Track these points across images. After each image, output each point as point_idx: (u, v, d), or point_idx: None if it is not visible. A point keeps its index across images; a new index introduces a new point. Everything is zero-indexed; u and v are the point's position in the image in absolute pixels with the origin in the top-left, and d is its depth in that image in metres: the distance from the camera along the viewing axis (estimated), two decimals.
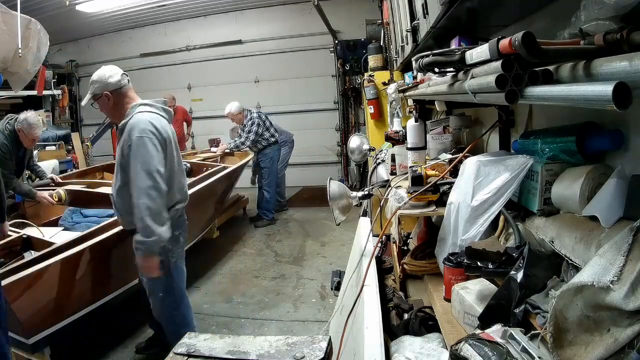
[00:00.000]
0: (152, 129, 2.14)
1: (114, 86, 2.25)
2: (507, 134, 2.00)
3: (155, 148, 2.13)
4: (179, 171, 2.38)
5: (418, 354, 1.50)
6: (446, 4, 1.56)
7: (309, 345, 0.94)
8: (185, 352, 0.96)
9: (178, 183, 2.36)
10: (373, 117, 5.36)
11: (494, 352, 1.04)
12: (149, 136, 2.12)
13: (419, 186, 1.93)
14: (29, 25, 4.70)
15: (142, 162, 2.09)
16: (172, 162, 2.28)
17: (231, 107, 5.62)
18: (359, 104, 7.66)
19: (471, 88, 1.12)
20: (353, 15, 7.17)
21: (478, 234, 1.60)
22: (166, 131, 2.24)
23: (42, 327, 2.45)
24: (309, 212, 6.24)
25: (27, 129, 3.54)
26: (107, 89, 2.25)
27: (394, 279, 2.54)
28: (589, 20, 0.85)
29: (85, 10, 6.66)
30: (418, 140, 2.37)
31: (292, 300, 3.64)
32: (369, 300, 1.66)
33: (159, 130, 2.18)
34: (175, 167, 2.34)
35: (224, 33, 7.96)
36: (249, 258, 4.72)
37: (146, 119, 2.18)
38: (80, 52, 8.75)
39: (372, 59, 5.62)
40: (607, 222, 1.10)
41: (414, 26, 2.51)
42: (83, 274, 2.62)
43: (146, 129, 2.13)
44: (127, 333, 3.09)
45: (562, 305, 0.97)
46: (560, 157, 1.39)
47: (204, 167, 4.88)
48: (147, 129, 2.13)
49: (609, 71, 0.70)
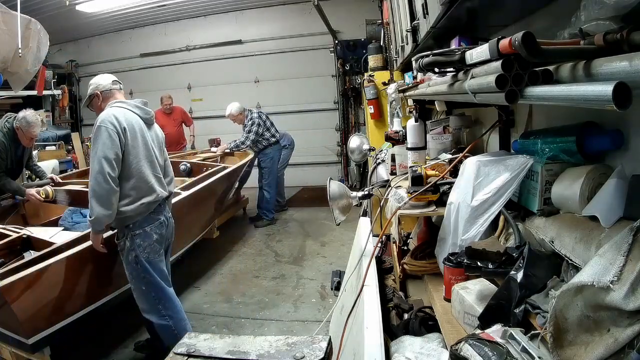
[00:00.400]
0: (111, 120, 2.32)
1: (104, 87, 2.57)
2: (507, 134, 2.00)
3: (110, 137, 2.28)
4: (145, 163, 2.45)
5: (418, 354, 1.50)
6: (446, 4, 1.56)
7: (309, 345, 0.94)
8: (185, 352, 0.96)
9: (141, 174, 2.41)
10: (373, 117, 5.36)
11: (494, 352, 1.04)
12: (106, 125, 2.30)
13: (419, 186, 1.93)
14: (29, 25, 4.70)
15: (96, 148, 2.29)
16: (134, 151, 2.39)
17: (231, 108, 5.62)
18: (359, 104, 7.65)
19: (471, 88, 1.12)
20: (353, 15, 7.16)
21: (478, 234, 1.60)
22: (130, 123, 2.40)
23: (42, 327, 2.44)
24: (309, 212, 6.24)
25: (26, 127, 3.52)
26: (98, 90, 2.57)
27: (394, 279, 2.54)
28: (589, 20, 0.85)
29: (85, 10, 6.66)
30: (418, 140, 2.37)
31: (292, 300, 3.64)
32: (369, 300, 1.66)
33: (119, 121, 2.34)
34: (140, 158, 2.42)
35: (224, 33, 7.96)
36: (249, 258, 4.71)
37: (110, 112, 2.39)
38: (80, 52, 8.75)
39: (372, 59, 5.62)
40: (607, 222, 1.10)
41: (414, 26, 2.51)
42: (83, 273, 2.62)
43: (105, 119, 2.33)
44: (127, 333, 3.08)
45: (562, 305, 0.97)
46: (560, 157, 1.39)
47: (204, 167, 4.88)
48: (106, 120, 2.32)
49: (609, 71, 0.70)
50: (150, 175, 2.47)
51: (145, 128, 2.52)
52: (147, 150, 2.48)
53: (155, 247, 2.50)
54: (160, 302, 2.54)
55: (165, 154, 2.76)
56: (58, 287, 2.49)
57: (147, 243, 2.46)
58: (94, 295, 2.78)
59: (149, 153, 2.49)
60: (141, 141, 2.45)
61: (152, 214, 2.49)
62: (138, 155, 2.41)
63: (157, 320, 2.54)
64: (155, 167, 2.53)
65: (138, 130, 2.44)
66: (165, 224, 2.59)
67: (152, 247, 2.48)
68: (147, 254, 2.46)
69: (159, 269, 2.55)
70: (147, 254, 2.47)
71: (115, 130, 2.31)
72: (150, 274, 2.48)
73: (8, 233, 2.96)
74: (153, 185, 2.47)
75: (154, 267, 2.50)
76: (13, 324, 2.38)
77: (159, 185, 2.53)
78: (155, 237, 2.50)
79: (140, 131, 2.46)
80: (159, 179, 2.54)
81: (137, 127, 2.44)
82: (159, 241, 2.53)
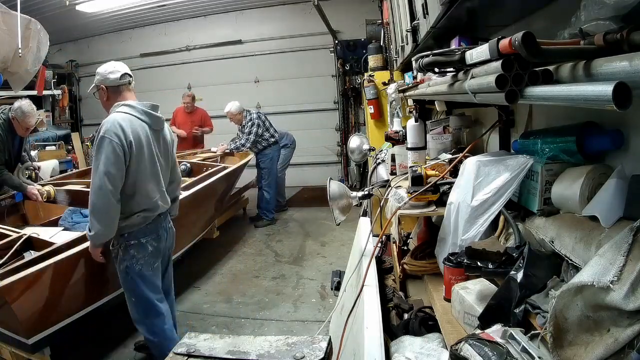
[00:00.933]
0: (116, 131, 2.16)
1: (111, 82, 2.33)
2: (507, 134, 2.00)
3: (114, 151, 2.14)
4: (150, 178, 2.32)
5: (418, 354, 1.50)
6: (446, 4, 1.55)
7: (309, 345, 0.94)
8: (185, 352, 0.96)
9: (145, 190, 2.30)
10: (373, 117, 5.36)
11: (494, 352, 1.04)
12: (110, 137, 2.14)
13: (419, 186, 1.93)
14: (29, 25, 4.71)
15: (99, 161, 2.15)
16: (138, 167, 2.25)
17: (231, 106, 5.62)
18: (359, 104, 7.65)
19: (471, 88, 1.12)
20: (353, 15, 7.16)
21: (478, 234, 1.60)
22: (137, 134, 2.23)
23: (42, 327, 2.45)
24: (309, 212, 6.24)
25: (21, 117, 3.45)
26: (105, 84, 2.34)
27: (394, 279, 2.54)
28: (589, 20, 0.85)
29: (85, 10, 6.66)
30: (418, 140, 2.37)
31: (292, 300, 3.64)
32: (369, 300, 1.66)
33: (125, 133, 2.17)
34: (146, 173, 2.29)
35: (224, 33, 7.96)
36: (249, 258, 4.71)
37: (116, 120, 2.20)
38: (80, 52, 8.75)
39: (372, 59, 5.62)
40: (607, 222, 1.10)
41: (414, 26, 2.51)
42: (83, 273, 2.62)
43: (110, 129, 2.16)
44: (127, 333, 3.08)
45: (562, 305, 0.97)
46: (560, 157, 1.39)
47: (204, 167, 4.88)
48: (111, 130, 2.15)
49: (609, 71, 0.70)
50: (154, 191, 2.35)
51: (152, 137, 2.34)
52: (153, 164, 2.33)
53: (149, 260, 2.37)
54: (148, 318, 2.43)
55: (174, 157, 2.63)
56: (58, 287, 2.50)
57: (141, 255, 2.34)
58: (94, 295, 2.78)
59: (154, 167, 2.35)
60: (147, 154, 2.29)
61: (149, 225, 2.36)
62: (143, 170, 2.28)
63: (145, 333, 2.48)
64: (159, 182, 2.39)
65: (145, 141, 2.28)
66: (163, 237, 2.47)
67: (145, 260, 2.36)
68: (141, 265, 2.34)
69: (152, 283, 2.42)
70: (140, 266, 2.34)
71: (120, 144, 2.15)
72: (140, 288, 2.37)
73: (8, 233, 2.96)
74: (156, 201, 2.36)
75: (145, 280, 2.38)
76: (13, 324, 2.38)
77: (162, 200, 2.41)
78: (150, 250, 2.37)
79: (147, 143, 2.30)
80: (162, 193, 2.41)
81: (143, 139, 2.27)
82: (154, 254, 2.41)
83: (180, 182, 2.71)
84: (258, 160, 5.81)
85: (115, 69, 2.35)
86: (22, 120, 3.47)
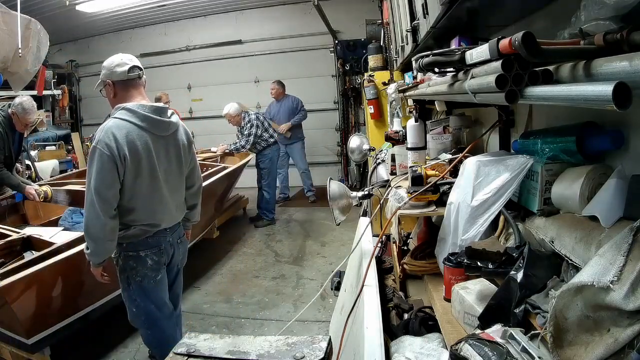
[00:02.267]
0: (109, 143, 1.93)
1: (119, 77, 2.07)
2: (507, 134, 2.00)
3: (104, 164, 1.93)
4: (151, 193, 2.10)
5: (418, 354, 1.50)
6: (446, 4, 1.55)
7: (309, 345, 0.94)
8: (185, 352, 0.96)
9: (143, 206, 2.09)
10: (373, 117, 5.36)
11: (494, 352, 1.04)
12: (102, 149, 1.93)
13: (419, 186, 1.93)
14: (29, 25, 4.71)
15: (90, 174, 1.97)
16: (135, 182, 2.03)
17: (230, 108, 5.60)
18: (359, 104, 7.65)
19: (471, 88, 1.12)
20: (353, 15, 7.16)
21: (478, 234, 1.60)
22: (133, 146, 1.99)
23: (42, 327, 2.45)
24: (309, 212, 6.24)
25: (21, 113, 3.45)
26: (111, 78, 2.09)
27: (394, 279, 2.54)
28: (589, 20, 0.85)
29: (85, 10, 6.65)
30: (418, 140, 2.37)
31: (292, 300, 3.64)
32: (369, 300, 1.66)
33: (118, 145, 1.95)
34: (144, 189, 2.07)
35: (224, 33, 7.95)
36: (249, 258, 4.71)
37: (110, 129, 1.97)
38: (80, 52, 8.74)
39: (372, 59, 5.62)
40: (607, 222, 1.10)
41: (414, 26, 2.51)
42: (83, 273, 2.62)
43: (102, 140, 1.94)
44: (127, 333, 3.08)
45: (562, 305, 0.97)
46: (560, 157, 1.39)
47: (204, 167, 4.87)
48: (103, 141, 1.94)
49: (609, 71, 0.70)
50: (156, 206, 2.13)
51: (154, 147, 2.07)
52: (153, 178, 2.09)
53: (149, 273, 2.16)
54: (150, 329, 2.28)
55: (192, 159, 2.36)
56: (58, 287, 2.50)
57: (140, 267, 2.14)
58: (95, 295, 2.78)
59: (155, 181, 2.10)
60: (146, 167, 2.05)
61: (149, 238, 2.15)
62: (140, 185, 2.05)
63: (146, 342, 2.41)
64: (162, 196, 2.15)
65: (143, 153, 2.03)
66: (167, 251, 2.23)
67: (145, 273, 2.15)
68: (141, 277, 2.15)
69: (154, 295, 2.22)
70: (141, 278, 2.15)
71: (112, 156, 1.93)
72: (143, 300, 2.19)
73: (8, 233, 2.96)
74: (159, 216, 2.15)
75: (147, 293, 2.19)
76: (13, 324, 2.38)
77: (167, 214, 2.19)
78: (149, 264, 2.15)
79: (147, 155, 2.04)
80: (167, 207, 2.19)
81: (141, 151, 2.02)
82: (155, 268, 2.18)
83: (201, 186, 2.47)
84: (258, 161, 5.82)
85: (122, 61, 2.08)
86: (22, 116, 3.48)
